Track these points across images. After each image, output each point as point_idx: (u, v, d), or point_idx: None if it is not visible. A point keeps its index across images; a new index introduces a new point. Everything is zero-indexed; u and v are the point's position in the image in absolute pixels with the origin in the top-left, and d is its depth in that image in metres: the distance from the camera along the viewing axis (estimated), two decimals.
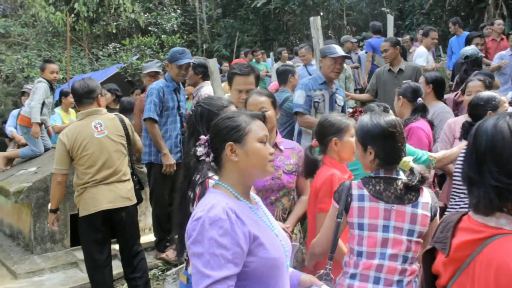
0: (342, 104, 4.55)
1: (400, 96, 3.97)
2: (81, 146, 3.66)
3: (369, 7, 15.85)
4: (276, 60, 11.05)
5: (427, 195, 2.19)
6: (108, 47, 16.04)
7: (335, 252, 2.30)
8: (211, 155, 1.83)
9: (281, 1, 15.50)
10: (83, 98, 3.77)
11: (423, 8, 14.08)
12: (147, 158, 4.78)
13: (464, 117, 3.77)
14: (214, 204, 1.66)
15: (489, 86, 3.97)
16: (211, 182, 2.20)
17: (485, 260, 1.35)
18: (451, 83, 5.91)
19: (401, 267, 2.13)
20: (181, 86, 5.03)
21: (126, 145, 3.87)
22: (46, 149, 5.77)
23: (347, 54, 4.90)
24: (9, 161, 5.88)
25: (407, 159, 2.20)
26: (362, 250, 2.17)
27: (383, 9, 15.08)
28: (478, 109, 3.31)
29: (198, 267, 1.59)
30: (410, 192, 2.17)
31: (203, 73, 5.15)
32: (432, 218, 2.17)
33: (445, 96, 5.30)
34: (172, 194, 4.40)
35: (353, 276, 2.18)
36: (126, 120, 3.98)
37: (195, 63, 5.01)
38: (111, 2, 14.94)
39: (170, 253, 4.81)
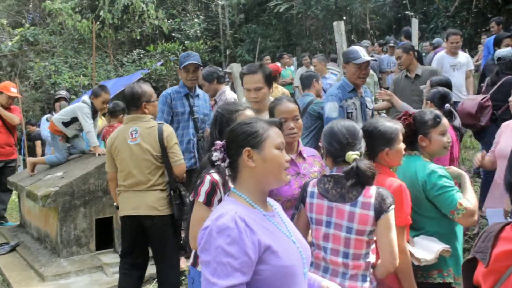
0: (371, 106, 4.39)
1: (428, 101, 3.98)
2: (116, 150, 3.76)
3: (393, 11, 15.70)
4: (299, 66, 11.02)
5: (370, 195, 2.24)
6: (133, 53, 16.28)
7: None
8: (227, 160, 1.83)
9: (304, 6, 15.49)
10: (128, 103, 3.86)
11: (448, 10, 13.88)
12: None
13: None
14: (223, 212, 1.66)
15: None
16: (208, 178, 2.32)
17: None
18: (482, 84, 5.73)
19: (342, 261, 2.27)
20: (198, 91, 4.93)
21: (159, 156, 3.75)
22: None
23: (372, 58, 4.68)
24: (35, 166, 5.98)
25: (352, 153, 2.30)
26: (314, 242, 2.38)
27: (407, 12, 14.92)
28: None
29: (206, 275, 1.60)
30: (352, 191, 2.26)
31: (216, 78, 5.22)
32: (378, 217, 2.22)
33: (469, 97, 5.18)
34: None
35: (311, 264, 2.34)
36: (167, 131, 3.81)
37: (204, 74, 5.08)
38: (136, 9, 15.16)
39: (182, 262, 4.75)
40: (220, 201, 2.31)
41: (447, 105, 3.86)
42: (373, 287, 2.28)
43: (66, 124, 5.42)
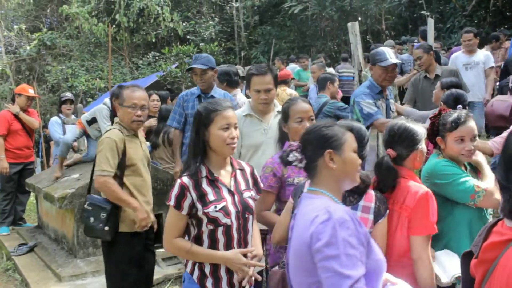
0: (394, 109, 4.35)
1: (441, 102, 3.96)
2: None
3: (408, 11, 15.56)
4: None
5: (371, 199, 2.27)
6: (148, 56, 16.41)
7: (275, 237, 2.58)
8: (304, 161, 1.92)
9: (319, 7, 15.44)
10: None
11: (465, 10, 13.70)
12: None
13: None
14: (335, 207, 1.74)
15: None
16: (178, 181, 2.36)
17: (503, 262, 1.38)
18: (511, 84, 5.53)
19: None
20: (216, 92, 4.70)
21: None
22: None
23: (399, 61, 4.54)
24: None
25: None
26: None
27: (423, 12, 14.77)
28: None
29: (336, 268, 1.60)
30: (353, 195, 2.28)
31: (227, 81, 5.22)
32: (376, 221, 2.26)
33: (498, 97, 5.03)
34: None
35: None
36: (102, 136, 3.59)
37: (218, 72, 4.98)
38: (151, 12, 15.28)
39: None
40: (191, 204, 2.32)
41: (459, 107, 3.78)
42: None
43: (89, 123, 5.53)
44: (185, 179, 2.35)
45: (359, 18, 15.16)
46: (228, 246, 2.38)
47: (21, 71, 17.18)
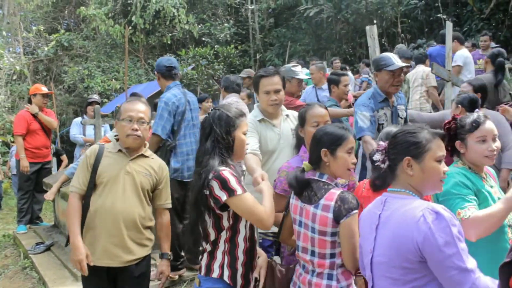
0: (404, 115, 4.18)
1: (459, 105, 3.97)
2: None
3: (425, 14, 15.44)
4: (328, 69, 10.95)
5: (332, 198, 2.28)
6: None
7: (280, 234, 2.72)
8: (387, 162, 1.99)
9: (334, 10, 15.41)
10: None
11: (483, 13, 13.56)
12: None
13: None
14: (434, 206, 1.79)
15: None
16: (225, 173, 2.32)
17: None
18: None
19: (309, 259, 2.37)
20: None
21: None
22: None
23: (406, 64, 4.48)
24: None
25: (306, 162, 2.46)
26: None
27: (439, 15, 14.66)
28: None
29: (459, 264, 1.70)
30: (317, 194, 2.34)
31: (225, 87, 5.81)
32: (338, 220, 2.25)
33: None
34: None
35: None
36: None
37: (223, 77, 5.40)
38: (167, 14, 15.37)
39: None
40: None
41: (477, 110, 3.78)
42: (340, 286, 2.30)
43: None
44: (225, 170, 2.36)
45: (375, 21, 15.08)
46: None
47: (38, 72, 17.42)
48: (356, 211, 2.25)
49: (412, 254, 1.78)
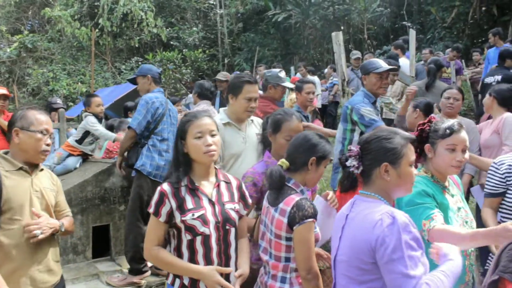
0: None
1: (417, 109, 4.18)
2: None
3: (390, 21, 15.81)
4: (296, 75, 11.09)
5: (289, 203, 2.28)
6: (131, 61, 16.33)
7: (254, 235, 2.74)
8: (361, 168, 2.00)
9: (302, 16, 15.59)
10: None
11: (445, 22, 13.99)
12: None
13: None
14: (396, 211, 1.82)
15: None
16: (158, 188, 2.35)
17: None
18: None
19: (266, 259, 2.41)
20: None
21: None
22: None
23: (394, 66, 4.65)
24: None
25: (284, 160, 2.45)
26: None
27: (404, 23, 15.03)
28: None
29: (401, 270, 1.73)
30: (280, 198, 2.36)
31: (197, 93, 5.80)
32: (291, 226, 2.25)
33: None
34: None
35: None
36: None
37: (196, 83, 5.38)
38: (135, 17, 15.23)
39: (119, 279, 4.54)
40: (170, 212, 2.30)
41: (433, 115, 3.91)
42: None
43: (79, 142, 5.60)
44: (165, 186, 2.35)
45: (342, 28, 15.34)
46: (207, 257, 2.33)
47: (0, 74, 16.94)
48: (311, 219, 2.23)
49: (367, 255, 1.82)
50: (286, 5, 15.95)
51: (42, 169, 2.73)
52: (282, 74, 5.13)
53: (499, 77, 6.29)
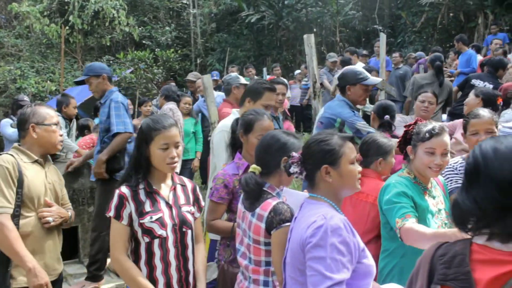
0: None
1: (372, 112, 4.32)
2: None
3: (362, 25, 16.04)
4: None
5: (266, 208, 2.27)
6: (102, 60, 16.05)
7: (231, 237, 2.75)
8: (304, 173, 2.02)
9: (275, 17, 15.66)
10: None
11: (415, 26, 14.29)
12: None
13: None
14: (332, 214, 1.84)
15: None
16: (117, 192, 2.36)
17: None
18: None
19: (246, 264, 2.39)
20: (107, 97, 4.48)
21: None
22: None
23: (380, 79, 4.60)
24: None
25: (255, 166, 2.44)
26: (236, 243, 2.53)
27: (375, 26, 15.27)
28: None
29: (320, 269, 1.74)
30: (256, 203, 2.34)
31: (165, 95, 6.22)
32: (269, 231, 2.24)
33: None
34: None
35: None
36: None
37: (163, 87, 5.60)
38: (106, 15, 14.99)
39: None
40: (130, 214, 2.33)
41: (386, 116, 4.06)
42: None
43: None
44: (124, 189, 2.36)
45: (315, 30, 15.48)
46: (165, 259, 2.37)
47: None
48: (288, 223, 2.20)
49: (302, 256, 1.85)
50: (260, 6, 15.99)
51: (52, 163, 2.97)
52: (240, 76, 5.53)
53: (490, 86, 6.41)
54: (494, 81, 6.44)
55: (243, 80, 5.38)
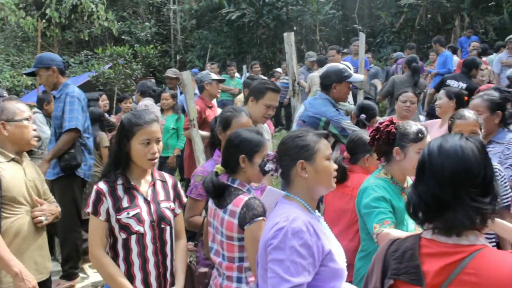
0: None
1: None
2: None
3: (342, 24, 16.18)
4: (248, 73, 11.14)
5: (238, 204, 2.30)
6: (80, 55, 15.84)
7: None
8: (279, 170, 2.00)
9: (256, 15, 15.65)
10: None
11: (394, 27, 14.46)
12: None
13: None
14: (295, 216, 1.82)
15: None
16: (94, 187, 2.34)
17: (473, 278, 1.35)
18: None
19: (219, 261, 2.40)
20: (62, 92, 4.33)
21: None
22: None
23: (361, 76, 4.65)
24: None
25: (218, 166, 2.47)
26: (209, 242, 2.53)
27: (355, 26, 15.40)
28: None
29: (278, 272, 1.74)
30: (227, 199, 2.36)
31: (141, 91, 6.38)
32: (242, 227, 2.27)
33: None
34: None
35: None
36: None
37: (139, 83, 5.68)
38: (85, 9, 14.76)
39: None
40: (107, 209, 2.33)
41: (362, 116, 4.29)
42: None
43: None
44: (101, 185, 2.35)
45: (295, 28, 15.54)
46: (142, 255, 2.36)
47: None
48: (260, 218, 2.25)
49: (265, 256, 1.86)
50: (240, 4, 15.96)
51: (29, 159, 2.89)
52: (211, 72, 5.80)
53: (463, 85, 6.56)
54: (468, 81, 6.61)
55: (214, 76, 5.57)
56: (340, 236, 2.95)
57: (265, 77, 8.43)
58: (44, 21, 14.06)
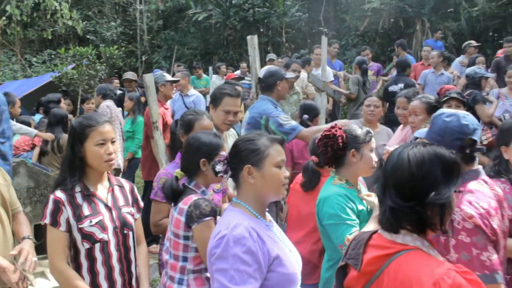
0: None
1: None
2: None
3: (308, 26, 16.35)
4: (214, 74, 11.18)
5: (187, 203, 2.33)
6: (43, 54, 15.52)
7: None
8: (229, 172, 1.97)
9: (222, 16, 15.67)
10: None
11: (358, 29, 14.74)
12: None
13: None
14: (237, 223, 1.78)
15: None
16: (51, 197, 2.27)
17: (392, 273, 1.52)
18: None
19: (165, 259, 2.41)
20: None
21: None
22: None
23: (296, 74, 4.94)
24: None
25: (178, 171, 2.48)
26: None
27: (321, 28, 15.60)
28: None
29: (223, 282, 1.70)
30: (181, 198, 2.38)
31: (103, 94, 6.40)
32: (189, 225, 2.29)
33: None
34: None
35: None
36: None
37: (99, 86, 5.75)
38: (48, 7, 14.46)
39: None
40: (67, 219, 2.25)
41: (305, 116, 4.57)
42: None
43: None
44: (59, 193, 2.27)
45: (261, 30, 15.63)
46: (107, 264, 2.32)
47: None
48: (208, 218, 2.26)
49: (210, 265, 1.85)
50: (207, 5, 15.95)
51: None
52: (165, 73, 5.92)
53: (401, 85, 6.88)
54: (404, 80, 7.23)
55: (169, 77, 5.71)
56: (305, 239, 3.06)
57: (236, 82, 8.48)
58: (4, 18, 13.71)
